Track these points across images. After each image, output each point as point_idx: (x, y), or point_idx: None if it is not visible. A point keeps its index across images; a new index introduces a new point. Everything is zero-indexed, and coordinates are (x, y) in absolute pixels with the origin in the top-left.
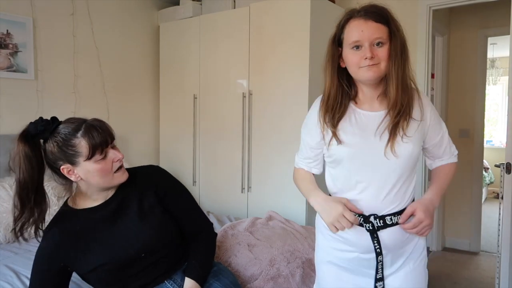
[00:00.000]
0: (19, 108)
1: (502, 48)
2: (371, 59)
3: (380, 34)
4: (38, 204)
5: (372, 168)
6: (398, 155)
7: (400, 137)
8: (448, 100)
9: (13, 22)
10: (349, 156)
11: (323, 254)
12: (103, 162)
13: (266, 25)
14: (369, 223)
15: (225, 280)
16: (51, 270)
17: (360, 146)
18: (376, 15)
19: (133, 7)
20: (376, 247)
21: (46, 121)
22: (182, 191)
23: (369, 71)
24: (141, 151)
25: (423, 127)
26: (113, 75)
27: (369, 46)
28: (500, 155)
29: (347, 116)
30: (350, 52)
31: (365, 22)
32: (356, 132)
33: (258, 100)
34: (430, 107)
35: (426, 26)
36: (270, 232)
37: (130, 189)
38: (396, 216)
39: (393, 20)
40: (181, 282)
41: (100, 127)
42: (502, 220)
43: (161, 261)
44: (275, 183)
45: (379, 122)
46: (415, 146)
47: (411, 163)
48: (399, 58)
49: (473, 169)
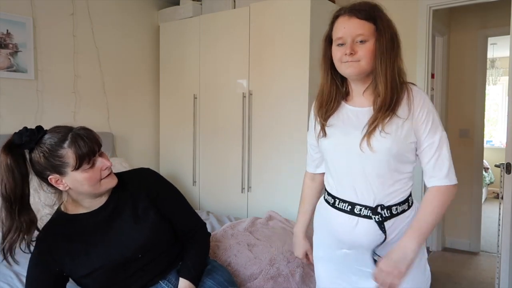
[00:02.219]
0: (19, 108)
1: (502, 48)
2: (350, 55)
3: (362, 31)
4: (24, 215)
5: (350, 161)
6: (374, 149)
7: (378, 131)
8: (448, 100)
9: (13, 22)
10: (330, 148)
11: (318, 251)
12: (91, 171)
13: (266, 25)
14: (378, 215)
15: (219, 278)
16: (47, 276)
17: (341, 140)
18: (362, 12)
19: (133, 7)
20: (385, 234)
21: (31, 131)
22: (174, 192)
23: (349, 67)
24: (141, 151)
25: (410, 126)
26: (113, 75)
27: (351, 42)
28: (500, 155)
29: (337, 112)
30: (335, 48)
31: (349, 19)
32: (340, 126)
33: (258, 100)
34: (421, 107)
35: (426, 26)
36: (270, 232)
37: (123, 194)
38: (401, 206)
39: (381, 17)
40: (176, 282)
41: (87, 136)
42: (502, 220)
43: (157, 262)
44: (275, 183)
45: (363, 118)
46: (395, 143)
47: (392, 159)
48: (386, 55)
49: (473, 169)
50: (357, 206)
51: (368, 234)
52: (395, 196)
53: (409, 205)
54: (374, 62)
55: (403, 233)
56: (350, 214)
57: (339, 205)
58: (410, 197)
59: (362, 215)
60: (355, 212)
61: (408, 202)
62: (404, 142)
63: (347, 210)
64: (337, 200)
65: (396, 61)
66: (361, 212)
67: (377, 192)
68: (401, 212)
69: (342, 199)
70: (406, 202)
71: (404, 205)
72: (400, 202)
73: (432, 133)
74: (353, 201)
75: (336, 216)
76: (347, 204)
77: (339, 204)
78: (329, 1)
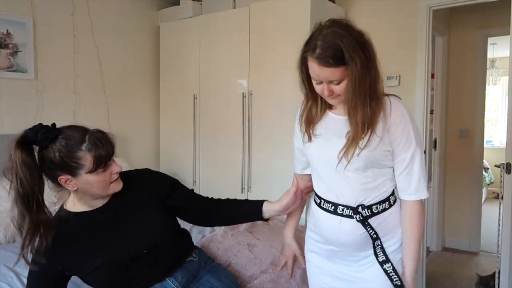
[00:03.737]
0: (19, 108)
1: (502, 48)
2: (329, 96)
3: (335, 77)
4: (42, 214)
5: (331, 167)
6: (351, 159)
7: (356, 146)
8: (448, 100)
9: (13, 22)
10: (315, 154)
11: (309, 244)
12: (103, 174)
13: (266, 25)
14: (358, 214)
15: (226, 280)
16: (48, 275)
17: (323, 147)
18: (329, 59)
19: (133, 7)
20: (371, 233)
21: (47, 128)
22: (179, 185)
23: (332, 100)
24: (141, 151)
25: (386, 138)
26: (113, 75)
27: (327, 84)
28: (500, 155)
29: (322, 119)
30: (313, 82)
31: (319, 68)
32: (323, 134)
33: (258, 100)
34: (398, 123)
35: (426, 26)
36: (270, 232)
37: (126, 194)
38: (381, 205)
39: (348, 50)
40: (182, 280)
41: (105, 140)
42: (502, 220)
43: (163, 259)
44: (275, 183)
45: (344, 126)
46: (371, 153)
47: (370, 165)
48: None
49: (473, 169)
50: (340, 207)
51: (351, 232)
52: (375, 196)
53: (390, 203)
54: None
55: (387, 229)
56: (333, 214)
57: (324, 205)
58: (392, 196)
59: (345, 214)
60: (338, 212)
61: (389, 201)
62: (380, 151)
63: (331, 210)
64: (322, 200)
65: (371, 83)
66: (343, 212)
67: (358, 194)
68: (382, 211)
69: (326, 199)
70: (386, 201)
71: (384, 204)
72: (380, 201)
73: (405, 149)
74: (335, 201)
75: (322, 215)
76: (330, 204)
77: (324, 205)
78: (329, 1)
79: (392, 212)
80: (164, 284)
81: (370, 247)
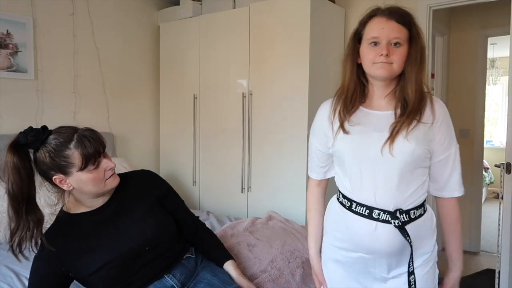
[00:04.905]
0: (19, 108)
1: (502, 48)
2: (386, 57)
3: (399, 35)
4: (31, 214)
5: (370, 164)
6: (396, 153)
7: (402, 137)
8: (448, 100)
9: (13, 22)
10: (348, 151)
11: (329, 252)
12: (96, 172)
13: (266, 25)
14: (396, 219)
15: (223, 276)
16: (52, 277)
17: (360, 143)
18: (399, 16)
19: (133, 7)
20: (409, 241)
21: (37, 130)
22: (175, 192)
23: (382, 68)
24: (141, 151)
25: (431, 133)
26: (113, 75)
27: (386, 44)
28: (500, 155)
29: (356, 114)
30: (367, 47)
31: (387, 21)
32: (359, 129)
33: (258, 100)
34: (443, 119)
35: (426, 26)
36: (270, 232)
37: (127, 193)
38: (418, 210)
39: (415, 25)
40: (180, 277)
41: (92, 137)
42: (502, 220)
43: (163, 256)
44: (275, 183)
45: (384, 121)
46: (417, 148)
47: (413, 163)
48: (417, 62)
49: (473, 169)
50: (376, 211)
51: (389, 239)
52: (413, 200)
53: (425, 209)
54: (403, 67)
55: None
56: (368, 219)
57: (356, 208)
58: (425, 202)
59: (381, 219)
60: (373, 217)
61: (424, 207)
62: (424, 147)
63: (365, 214)
64: (354, 203)
65: (423, 69)
66: (380, 217)
67: (397, 196)
68: (419, 216)
69: (359, 202)
70: (422, 207)
71: (420, 209)
72: (417, 206)
73: (449, 146)
74: (371, 205)
75: (354, 219)
76: (365, 208)
77: (357, 208)
78: (329, 1)
79: (425, 219)
80: (163, 281)
81: (405, 255)
